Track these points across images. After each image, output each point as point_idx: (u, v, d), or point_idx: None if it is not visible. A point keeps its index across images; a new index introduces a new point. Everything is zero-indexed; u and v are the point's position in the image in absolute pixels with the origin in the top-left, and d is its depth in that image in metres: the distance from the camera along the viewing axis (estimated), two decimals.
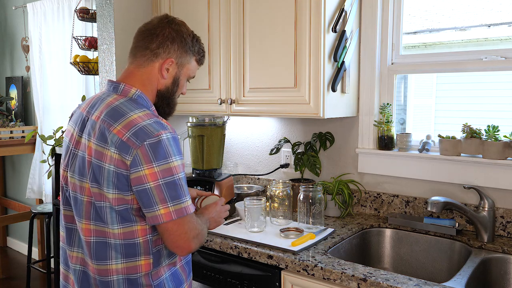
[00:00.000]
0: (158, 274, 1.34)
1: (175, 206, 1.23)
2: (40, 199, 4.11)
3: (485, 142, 1.79)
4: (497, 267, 1.66)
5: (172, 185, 1.23)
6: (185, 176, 1.29)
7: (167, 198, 1.23)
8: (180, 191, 1.25)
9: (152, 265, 1.32)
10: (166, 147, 1.23)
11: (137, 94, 1.35)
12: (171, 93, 1.43)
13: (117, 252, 1.29)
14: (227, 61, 2.13)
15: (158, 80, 1.39)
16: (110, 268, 1.30)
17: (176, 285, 1.40)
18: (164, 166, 1.22)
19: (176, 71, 1.41)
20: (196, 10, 2.23)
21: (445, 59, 1.96)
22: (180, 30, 1.40)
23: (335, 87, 1.89)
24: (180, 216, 1.24)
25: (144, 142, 1.21)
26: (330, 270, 1.48)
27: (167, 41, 1.37)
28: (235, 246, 1.73)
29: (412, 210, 2.02)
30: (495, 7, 1.94)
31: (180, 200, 1.24)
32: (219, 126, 2.05)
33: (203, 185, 2.01)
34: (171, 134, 1.27)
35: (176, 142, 1.28)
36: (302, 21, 1.86)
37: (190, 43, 1.42)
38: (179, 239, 1.26)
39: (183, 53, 1.40)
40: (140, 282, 1.31)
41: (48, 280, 3.39)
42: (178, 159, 1.25)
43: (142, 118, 1.26)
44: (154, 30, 1.38)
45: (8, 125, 4.01)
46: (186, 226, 1.26)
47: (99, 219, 1.29)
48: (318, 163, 2.16)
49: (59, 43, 3.74)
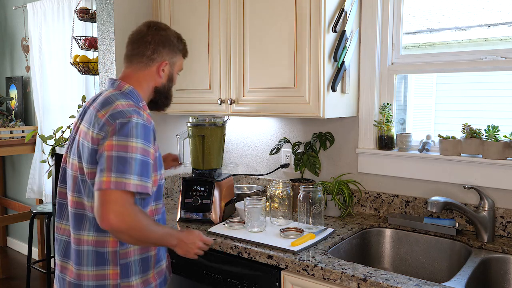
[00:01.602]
0: (126, 255, 1.46)
1: (117, 178, 1.32)
2: (40, 199, 4.11)
3: (485, 142, 1.79)
4: (497, 267, 1.66)
5: (122, 160, 1.34)
6: (143, 161, 1.37)
7: (113, 169, 1.32)
8: (129, 169, 1.33)
9: (119, 242, 1.44)
10: (132, 128, 1.37)
11: (129, 89, 1.53)
12: (167, 89, 1.65)
13: (90, 225, 1.44)
14: (227, 61, 2.13)
15: (155, 80, 1.60)
16: (83, 238, 1.45)
17: (143, 270, 1.50)
18: (122, 142, 1.35)
19: (170, 70, 1.63)
20: (196, 10, 2.22)
21: (445, 59, 1.96)
22: (167, 35, 1.61)
23: (335, 87, 1.89)
24: (117, 188, 1.31)
25: (116, 121, 1.38)
26: (330, 270, 1.48)
27: (159, 46, 1.58)
28: (235, 246, 1.73)
29: (412, 210, 2.02)
30: (495, 7, 1.94)
31: (125, 175, 1.32)
32: (219, 126, 2.05)
33: (203, 185, 2.01)
34: (144, 122, 1.41)
35: (146, 130, 1.41)
36: (302, 21, 1.86)
37: (177, 44, 1.63)
38: (103, 208, 1.31)
39: (173, 54, 1.62)
40: (107, 257, 1.45)
41: (48, 280, 3.39)
42: (140, 142, 1.37)
43: (124, 105, 1.43)
44: (146, 38, 1.57)
45: (8, 125, 4.01)
46: (117, 200, 1.32)
47: (79, 191, 1.46)
48: (318, 163, 2.16)
49: (59, 43, 3.74)
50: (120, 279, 1.46)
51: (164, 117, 2.56)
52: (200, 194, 2.00)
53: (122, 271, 1.46)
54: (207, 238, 1.58)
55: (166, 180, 2.56)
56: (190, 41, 2.26)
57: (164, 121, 2.57)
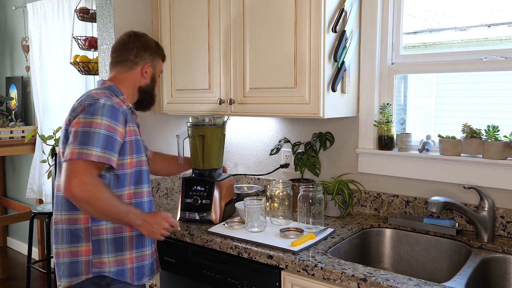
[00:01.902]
0: (98, 232, 1.56)
1: (79, 150, 1.45)
2: (40, 199, 4.10)
3: (485, 142, 1.79)
4: (497, 267, 1.66)
5: (86, 134, 1.48)
6: (108, 136, 1.50)
7: (77, 142, 1.47)
8: (91, 141, 1.46)
9: (91, 219, 1.55)
10: (98, 108, 1.52)
11: (109, 85, 1.69)
12: (150, 89, 1.80)
13: (62, 204, 1.58)
14: (227, 61, 2.13)
15: (139, 80, 1.75)
16: (58, 218, 1.59)
17: (116, 249, 1.58)
18: (88, 120, 1.50)
19: (152, 71, 1.79)
20: (196, 10, 2.22)
21: (445, 59, 1.96)
22: (147, 41, 1.78)
23: (335, 87, 1.89)
24: (80, 158, 1.44)
25: (85, 102, 1.55)
26: (330, 270, 1.48)
27: (141, 51, 1.74)
28: (235, 246, 1.73)
29: (412, 210, 2.02)
30: (495, 7, 1.94)
31: (87, 146, 1.46)
32: (219, 126, 2.05)
33: (203, 185, 2.01)
34: (112, 104, 1.55)
35: (113, 110, 1.54)
36: (302, 21, 1.85)
37: (156, 49, 1.80)
38: (67, 177, 1.43)
39: (153, 57, 1.78)
40: (79, 234, 1.56)
41: (48, 280, 3.39)
42: (105, 120, 1.51)
43: (98, 93, 1.59)
44: (127, 45, 1.74)
45: (8, 125, 4.01)
46: (78, 169, 1.43)
47: (58, 175, 1.58)
48: (317, 163, 2.16)
49: (59, 43, 3.74)
50: (92, 255, 1.56)
51: (164, 117, 2.56)
52: (200, 194, 2.00)
53: (94, 248, 1.56)
54: (173, 220, 1.65)
55: (166, 180, 2.56)
56: (190, 41, 2.26)
57: (164, 121, 2.57)
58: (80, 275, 1.56)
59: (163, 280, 2.04)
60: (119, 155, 1.55)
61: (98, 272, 1.56)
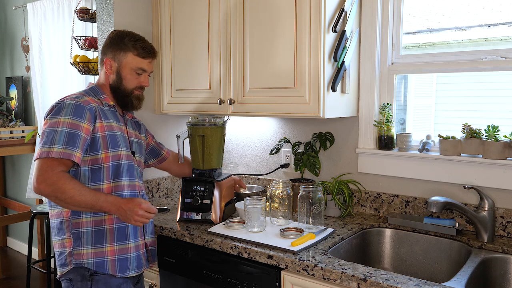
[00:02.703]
0: (78, 225, 1.65)
1: (43, 149, 1.56)
2: (40, 199, 4.10)
3: (485, 142, 1.79)
4: (497, 267, 1.66)
5: (49, 133, 1.57)
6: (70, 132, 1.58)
7: (42, 142, 1.57)
8: (53, 139, 1.55)
9: (71, 213, 1.64)
10: (62, 108, 1.62)
11: (91, 87, 1.79)
12: (117, 85, 1.78)
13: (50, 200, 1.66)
14: (227, 61, 2.13)
15: (108, 77, 1.79)
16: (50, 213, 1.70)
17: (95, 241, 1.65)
18: (54, 120, 1.60)
19: (117, 66, 1.77)
20: (196, 10, 2.22)
21: (445, 59, 1.96)
22: (115, 37, 1.79)
23: (335, 87, 1.89)
24: (42, 157, 1.54)
25: (53, 105, 1.65)
26: (330, 270, 1.48)
27: (105, 47, 1.80)
28: (235, 246, 1.73)
29: (412, 210, 2.02)
30: (495, 7, 1.94)
31: (50, 145, 1.55)
32: (219, 126, 2.05)
33: (203, 185, 2.01)
34: (77, 102, 1.64)
35: (77, 108, 1.62)
36: (302, 21, 1.85)
37: (121, 43, 1.76)
38: (34, 175, 1.55)
39: (117, 51, 1.76)
40: (63, 227, 1.66)
41: (48, 280, 3.39)
42: (68, 117, 1.59)
43: (70, 95, 1.70)
44: (102, 45, 1.82)
45: (8, 125, 4.01)
46: (42, 167, 1.53)
47: None
48: (317, 163, 2.16)
49: (59, 43, 3.74)
50: (73, 247, 1.64)
51: (164, 117, 2.56)
52: (200, 194, 2.00)
53: (74, 239, 1.65)
54: (149, 206, 1.65)
55: (166, 180, 2.56)
56: (190, 41, 2.26)
57: (164, 121, 2.57)
58: (67, 266, 1.66)
59: (163, 280, 2.04)
60: (92, 151, 1.64)
61: (78, 264, 1.64)
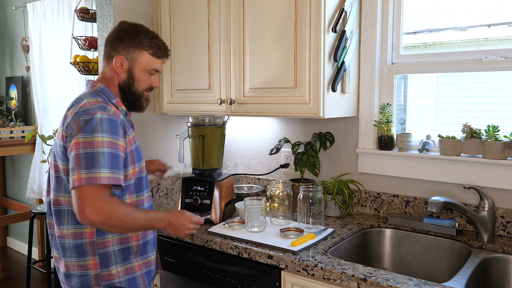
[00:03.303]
0: (104, 245, 1.51)
1: (87, 174, 1.36)
2: (40, 199, 4.10)
3: (485, 142, 1.79)
4: (497, 267, 1.66)
5: (90, 156, 1.38)
6: (112, 153, 1.41)
7: (82, 166, 1.37)
8: (96, 163, 1.37)
9: (96, 233, 1.50)
10: (96, 124, 1.41)
11: (101, 88, 1.58)
12: (128, 86, 1.62)
13: (68, 219, 1.50)
14: (227, 61, 2.13)
15: (117, 75, 1.61)
16: (63, 232, 1.52)
17: (123, 259, 1.54)
18: (88, 139, 1.39)
19: (129, 66, 1.60)
20: (196, 10, 2.22)
21: (445, 59, 1.96)
22: (127, 31, 1.60)
23: (335, 87, 1.89)
24: (89, 184, 1.36)
25: (80, 118, 1.43)
26: (330, 270, 1.48)
27: (115, 42, 1.60)
28: (235, 246, 1.73)
29: (412, 210, 2.02)
30: (495, 7, 1.94)
31: (94, 170, 1.37)
32: (219, 126, 2.05)
33: (203, 185, 2.01)
34: (109, 116, 1.44)
35: (112, 124, 1.44)
36: (302, 21, 1.85)
37: (137, 39, 1.59)
38: (79, 204, 1.36)
39: (131, 49, 1.59)
40: (85, 249, 1.50)
41: (48, 280, 3.39)
42: (106, 136, 1.41)
43: (91, 103, 1.48)
44: (108, 38, 1.63)
45: (8, 125, 4.01)
46: (90, 195, 1.36)
47: (55, 189, 1.52)
48: (317, 163, 2.16)
49: (59, 43, 3.74)
50: (100, 268, 1.51)
51: (164, 117, 2.56)
52: (200, 194, 2.00)
53: (101, 261, 1.51)
54: (197, 218, 1.64)
55: (166, 180, 2.56)
56: (190, 41, 2.26)
57: (164, 121, 2.57)
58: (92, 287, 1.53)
59: (163, 280, 2.04)
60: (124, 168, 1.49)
61: (108, 285, 1.52)
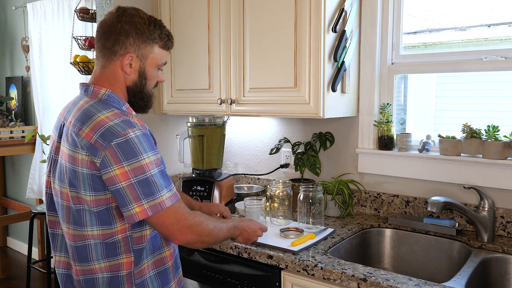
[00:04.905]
0: (141, 273, 1.35)
1: (150, 203, 1.23)
2: (40, 199, 4.10)
3: (485, 142, 1.79)
4: (497, 267, 1.66)
5: (145, 182, 1.23)
6: (160, 170, 1.28)
7: (141, 196, 1.22)
8: (154, 188, 1.24)
9: (134, 263, 1.33)
10: (135, 145, 1.23)
11: (107, 94, 1.34)
12: (140, 87, 1.40)
13: (97, 252, 1.31)
14: (227, 61, 2.13)
15: (123, 77, 1.37)
16: (94, 268, 1.32)
17: (161, 284, 1.40)
18: (135, 165, 1.22)
19: (140, 64, 1.37)
20: (196, 10, 2.22)
21: (445, 59, 1.96)
22: (132, 22, 1.34)
23: (335, 87, 1.89)
24: (156, 212, 1.24)
25: (111, 143, 1.21)
26: (330, 270, 1.48)
27: (121, 36, 1.33)
28: (235, 246, 1.73)
29: (412, 210, 2.02)
30: (495, 7, 1.94)
31: (154, 196, 1.24)
32: (219, 126, 2.05)
33: (203, 185, 2.01)
34: (141, 131, 1.26)
35: (147, 139, 1.27)
36: (302, 21, 1.86)
37: (147, 32, 1.36)
38: (166, 230, 1.27)
39: (141, 44, 1.35)
40: (121, 281, 1.32)
41: (48, 280, 3.39)
42: (151, 155, 1.25)
43: (110, 118, 1.25)
44: (107, 28, 1.34)
45: (8, 125, 4.01)
46: (169, 219, 1.26)
47: (76, 223, 1.31)
48: (318, 163, 2.16)
49: (59, 43, 3.74)
50: None
51: (164, 117, 2.56)
52: (200, 194, 2.00)
53: None
54: (265, 226, 1.67)
55: None
56: (190, 41, 2.26)
57: (164, 121, 2.57)
58: None
59: None
60: None
61: None
